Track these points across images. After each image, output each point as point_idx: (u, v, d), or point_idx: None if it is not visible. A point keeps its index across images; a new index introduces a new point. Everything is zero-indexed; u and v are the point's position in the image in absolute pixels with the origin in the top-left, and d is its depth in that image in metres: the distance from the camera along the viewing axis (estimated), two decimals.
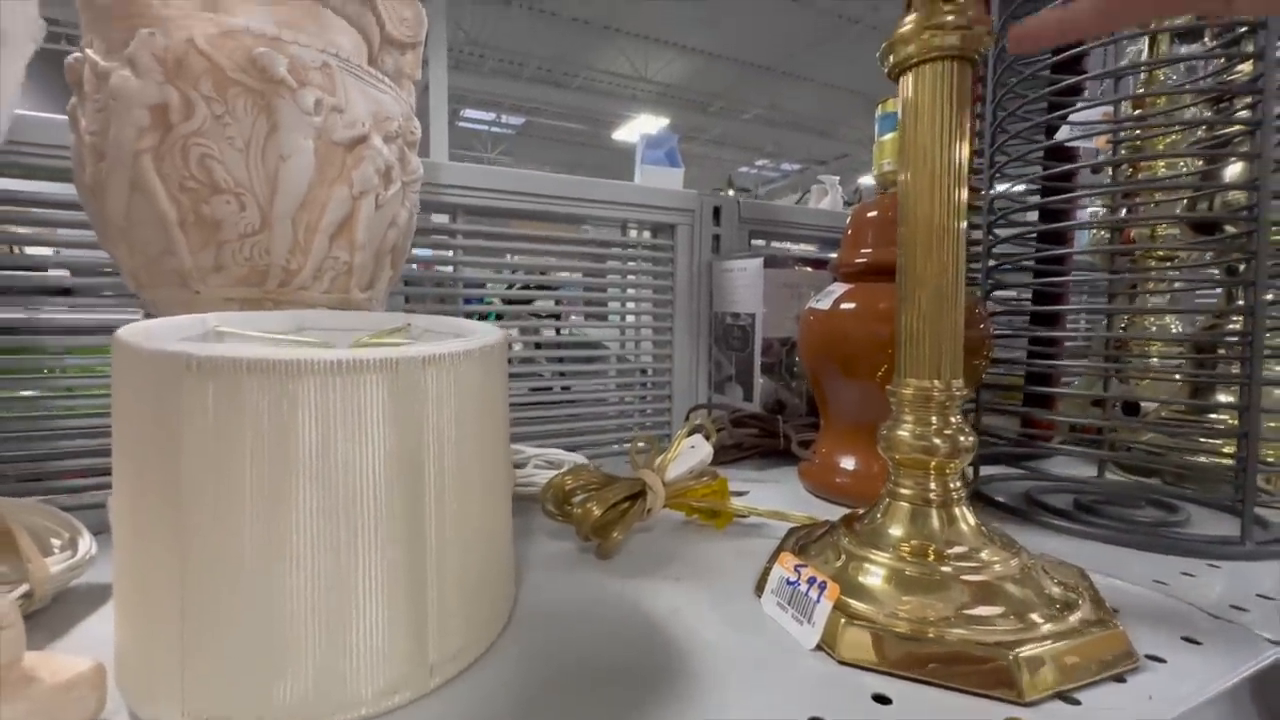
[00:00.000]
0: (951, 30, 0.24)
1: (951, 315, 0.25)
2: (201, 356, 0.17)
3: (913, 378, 0.26)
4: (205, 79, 0.27)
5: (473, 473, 0.22)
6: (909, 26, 0.25)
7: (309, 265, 0.31)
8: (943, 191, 0.25)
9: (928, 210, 0.25)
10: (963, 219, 0.25)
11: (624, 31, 5.00)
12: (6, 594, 0.24)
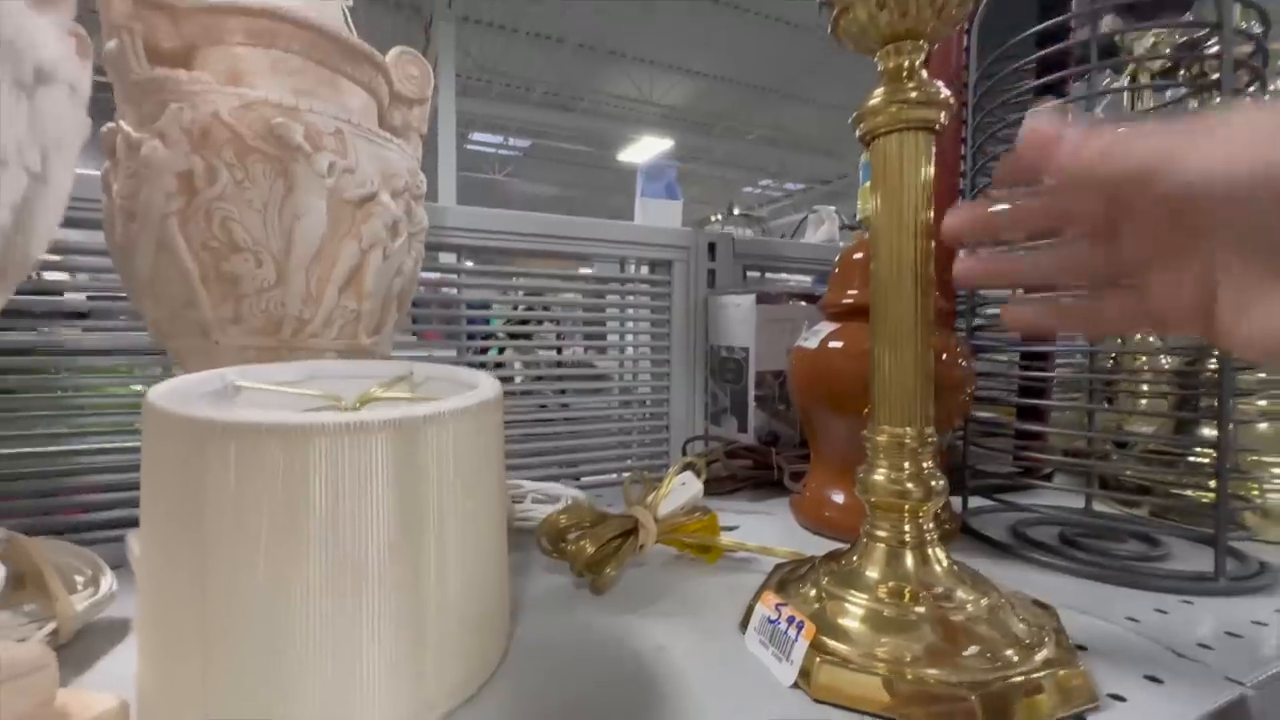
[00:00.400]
0: (915, 105, 0.26)
1: (921, 367, 0.27)
2: (224, 422, 0.19)
3: (887, 425, 0.28)
4: (228, 148, 0.30)
5: (471, 521, 0.24)
6: (878, 100, 0.27)
7: (320, 315, 0.33)
8: (909, 251, 0.27)
9: (895, 269, 0.27)
10: (930, 278, 0.27)
11: (628, 56, 5.11)
12: (36, 631, 0.25)
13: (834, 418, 0.44)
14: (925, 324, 0.27)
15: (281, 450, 0.19)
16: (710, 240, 0.62)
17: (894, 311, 0.27)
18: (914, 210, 0.27)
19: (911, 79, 0.27)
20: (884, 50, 0.27)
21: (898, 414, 0.27)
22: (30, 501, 0.42)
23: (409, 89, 0.42)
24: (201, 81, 0.30)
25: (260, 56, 0.33)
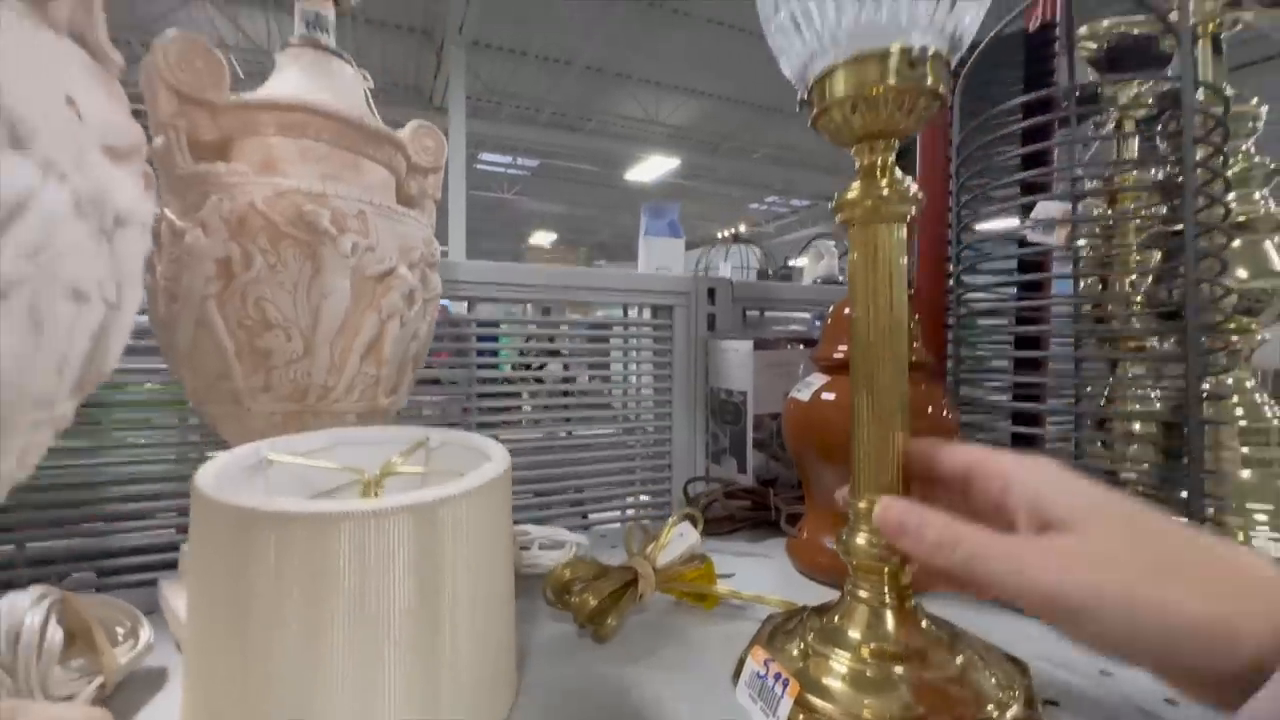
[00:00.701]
0: (888, 201, 0.29)
1: (897, 442, 0.29)
2: (264, 512, 0.21)
3: (868, 492, 0.30)
4: (262, 234, 0.33)
5: (482, 586, 0.26)
6: (855, 194, 0.30)
7: (343, 381, 0.36)
8: (885, 333, 0.29)
9: (874, 351, 0.29)
10: (904, 358, 0.29)
11: (635, 78, 5.19)
12: (85, 686, 0.28)
13: (826, 467, 0.46)
14: (903, 402, 0.29)
15: (313, 536, 0.22)
16: (710, 285, 0.64)
17: (874, 389, 0.29)
18: (889, 293, 0.29)
19: (885, 176, 0.29)
20: (859, 146, 0.30)
21: (878, 483, 0.29)
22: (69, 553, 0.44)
23: (424, 160, 0.45)
24: (239, 173, 0.33)
25: (291, 145, 0.36)
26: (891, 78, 0.27)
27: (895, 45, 0.26)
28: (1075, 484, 0.22)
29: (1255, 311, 0.49)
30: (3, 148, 0.16)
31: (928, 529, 0.24)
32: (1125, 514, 0.21)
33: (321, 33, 0.40)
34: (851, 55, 0.27)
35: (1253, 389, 0.51)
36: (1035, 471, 0.23)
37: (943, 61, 0.27)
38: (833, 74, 0.28)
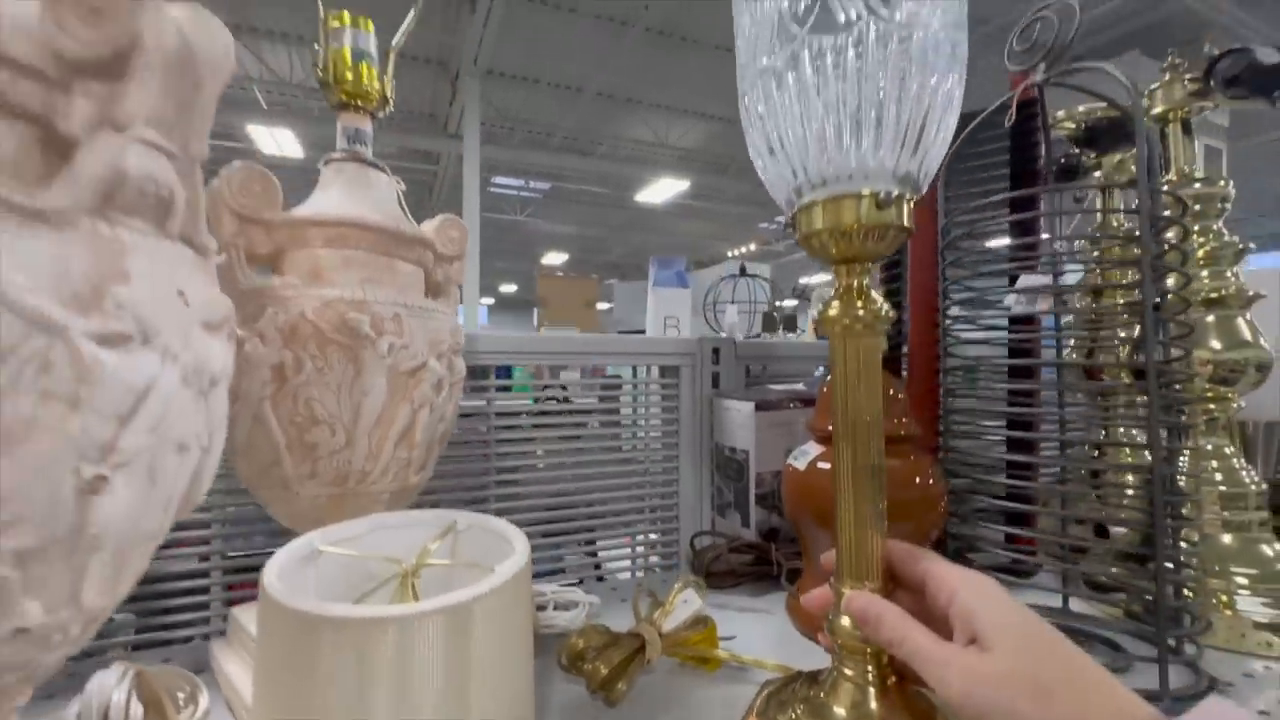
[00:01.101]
0: (863, 319, 0.32)
1: (874, 543, 0.32)
2: (325, 618, 0.25)
3: (850, 579, 0.33)
4: (311, 341, 0.37)
5: (507, 664, 0.30)
6: (835, 311, 0.33)
7: (379, 466, 0.40)
8: (864, 435, 0.32)
9: (852, 452, 0.33)
10: (881, 467, 0.32)
11: (646, 103, 5.30)
12: None
13: (822, 532, 0.49)
14: (880, 501, 0.32)
15: (364, 635, 0.25)
16: (714, 345, 0.68)
17: (855, 492, 0.32)
18: (868, 396, 0.33)
19: (861, 297, 0.33)
20: (838, 268, 0.33)
21: (860, 572, 0.32)
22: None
23: (449, 249, 0.49)
24: (291, 286, 0.38)
25: (335, 255, 0.40)
26: (862, 217, 0.30)
27: (865, 190, 0.30)
28: (1001, 606, 0.26)
29: (1230, 381, 0.52)
30: (137, 347, 0.20)
31: (883, 623, 0.29)
32: (1032, 637, 0.25)
33: (361, 145, 0.44)
34: (828, 196, 0.31)
35: (1231, 454, 0.53)
36: (974, 590, 0.27)
37: (906, 200, 0.31)
38: (813, 208, 0.32)
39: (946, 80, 0.28)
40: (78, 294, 0.19)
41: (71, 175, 0.19)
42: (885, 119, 0.27)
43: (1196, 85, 0.52)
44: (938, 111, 0.28)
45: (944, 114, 0.28)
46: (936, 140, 0.29)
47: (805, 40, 0.28)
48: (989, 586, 0.27)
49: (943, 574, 0.29)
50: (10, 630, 0.19)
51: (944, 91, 0.28)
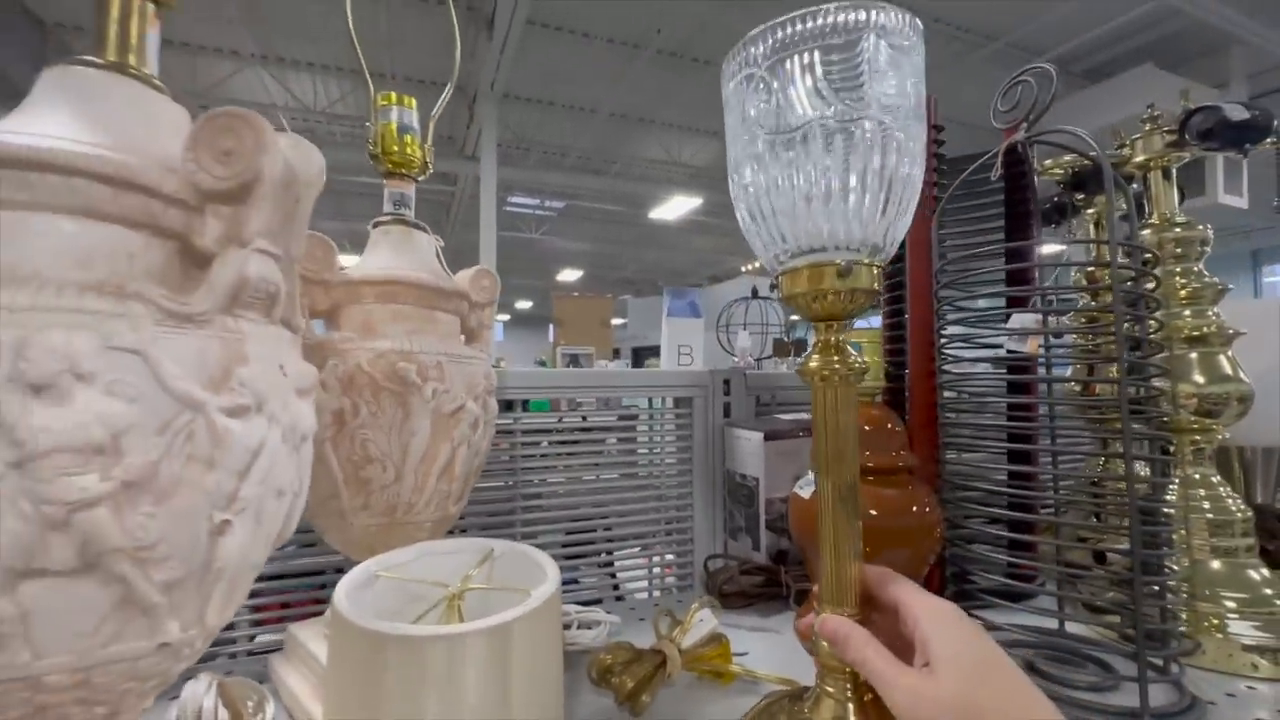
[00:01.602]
0: (839, 371, 0.36)
1: (852, 572, 0.36)
2: (389, 635, 0.30)
3: (830, 605, 0.36)
4: (366, 389, 0.42)
5: (542, 676, 0.34)
6: (815, 363, 0.37)
7: (423, 498, 0.44)
8: (842, 475, 0.36)
9: (832, 492, 0.36)
10: (856, 503, 0.36)
11: (658, 122, 5.39)
12: None
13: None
14: (856, 534, 0.36)
15: (422, 650, 0.30)
16: (725, 377, 0.72)
17: (835, 530, 0.36)
18: (845, 440, 0.36)
19: (838, 353, 0.36)
20: (817, 325, 0.37)
21: (839, 598, 0.36)
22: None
23: (481, 297, 0.54)
24: (348, 339, 0.43)
25: (384, 309, 0.45)
26: (835, 282, 0.34)
27: (838, 259, 0.34)
28: (953, 634, 0.29)
29: (1215, 414, 0.55)
30: (253, 415, 0.25)
31: (849, 644, 0.32)
32: (976, 664, 0.28)
33: (405, 209, 0.50)
34: (805, 264, 0.35)
35: (1218, 484, 0.56)
36: (931, 617, 0.30)
37: (873, 266, 0.34)
38: (793, 273, 0.35)
39: (903, 164, 0.32)
40: (212, 377, 0.24)
41: (210, 284, 0.24)
42: (847, 198, 0.32)
43: (1173, 137, 0.56)
44: (898, 189, 0.32)
45: (904, 191, 0.33)
46: (899, 214, 0.33)
47: (769, 137, 0.33)
48: (946, 615, 0.31)
49: (909, 601, 0.32)
50: (156, 645, 0.23)
51: (900, 174, 0.32)
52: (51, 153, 0.22)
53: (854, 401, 0.37)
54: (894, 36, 0.31)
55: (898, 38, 0.31)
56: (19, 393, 0.19)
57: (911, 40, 0.32)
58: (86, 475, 0.20)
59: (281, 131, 0.26)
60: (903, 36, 0.32)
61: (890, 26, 0.31)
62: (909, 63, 0.32)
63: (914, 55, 0.33)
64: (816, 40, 0.31)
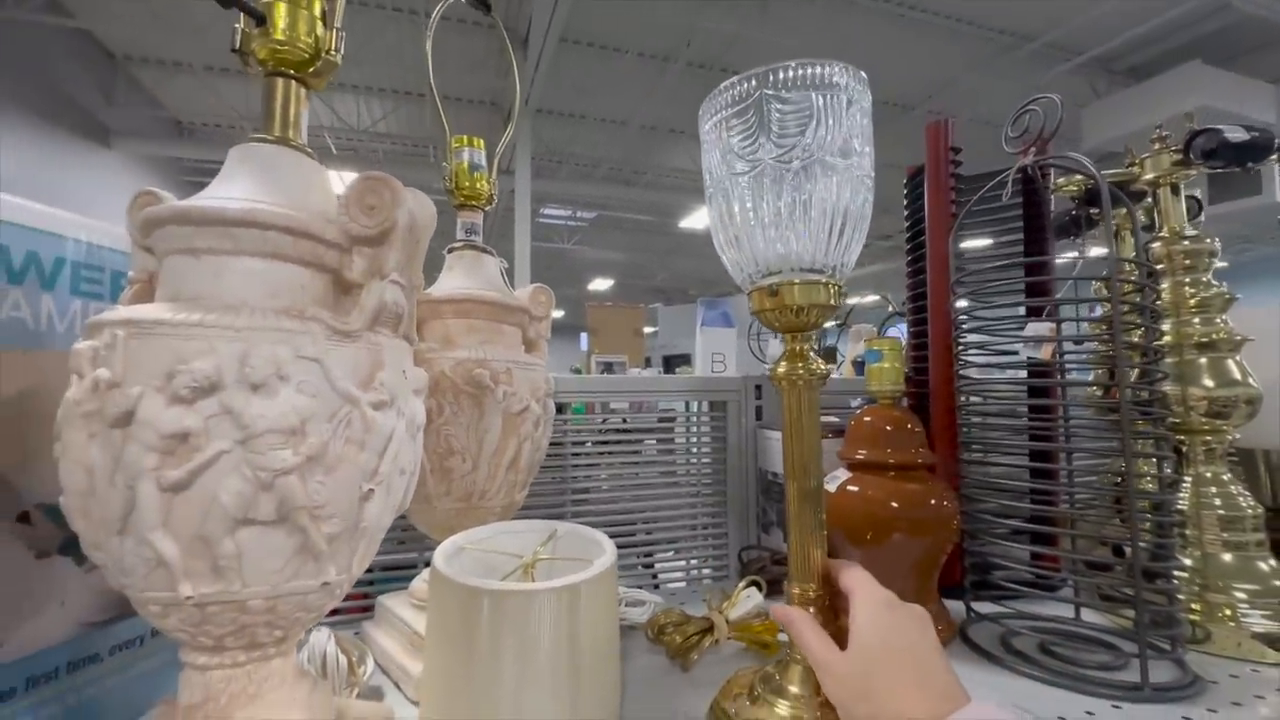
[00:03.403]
0: (804, 375, 0.41)
1: (815, 548, 0.41)
2: (484, 589, 0.36)
3: (799, 582, 0.41)
4: (448, 392, 0.49)
5: (603, 630, 0.40)
6: (783, 369, 0.42)
7: (495, 486, 0.51)
8: (809, 468, 0.41)
9: (800, 482, 0.41)
10: (819, 488, 0.41)
11: (689, 133, 5.47)
12: (350, 693, 0.43)
13: (849, 546, 0.58)
14: (820, 518, 0.41)
15: (510, 603, 0.36)
16: (757, 383, 0.78)
17: (802, 511, 0.41)
18: (810, 434, 0.41)
19: (802, 360, 0.41)
20: (785, 335, 0.42)
21: (804, 575, 0.41)
22: None
23: (539, 311, 0.61)
24: (433, 349, 0.50)
25: (461, 324, 0.53)
26: (798, 298, 0.39)
27: (797, 278, 0.39)
28: (874, 621, 0.35)
29: (1224, 415, 0.58)
30: (388, 408, 0.32)
31: (790, 626, 0.38)
32: (882, 647, 0.33)
33: (475, 235, 0.57)
34: (777, 281, 0.40)
35: (1229, 481, 0.59)
36: (863, 605, 0.36)
37: (832, 284, 0.40)
38: (765, 291, 0.41)
39: (856, 200, 0.38)
40: (362, 379, 0.31)
41: (361, 307, 0.31)
42: (806, 227, 0.38)
43: (1179, 156, 0.60)
44: (853, 222, 0.38)
45: (856, 224, 0.39)
46: (852, 241, 0.39)
47: (738, 175, 0.39)
48: (875, 605, 0.36)
49: (853, 589, 0.37)
50: (320, 584, 0.31)
51: (854, 209, 0.38)
52: (253, 213, 0.29)
53: (817, 403, 0.42)
54: (837, 90, 0.38)
55: (843, 92, 0.38)
56: (244, 390, 0.27)
57: (857, 92, 0.38)
58: (285, 450, 0.28)
59: (408, 189, 0.33)
60: (848, 91, 0.38)
61: (837, 81, 0.38)
62: (857, 109, 0.39)
63: (861, 103, 0.39)
64: (772, 90, 0.38)
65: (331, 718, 0.34)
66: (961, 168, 0.71)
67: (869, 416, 0.61)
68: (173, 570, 0.27)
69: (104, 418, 0.26)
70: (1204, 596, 0.57)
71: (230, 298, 0.29)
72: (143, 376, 0.26)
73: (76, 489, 0.27)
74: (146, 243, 0.32)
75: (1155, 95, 3.90)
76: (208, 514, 0.27)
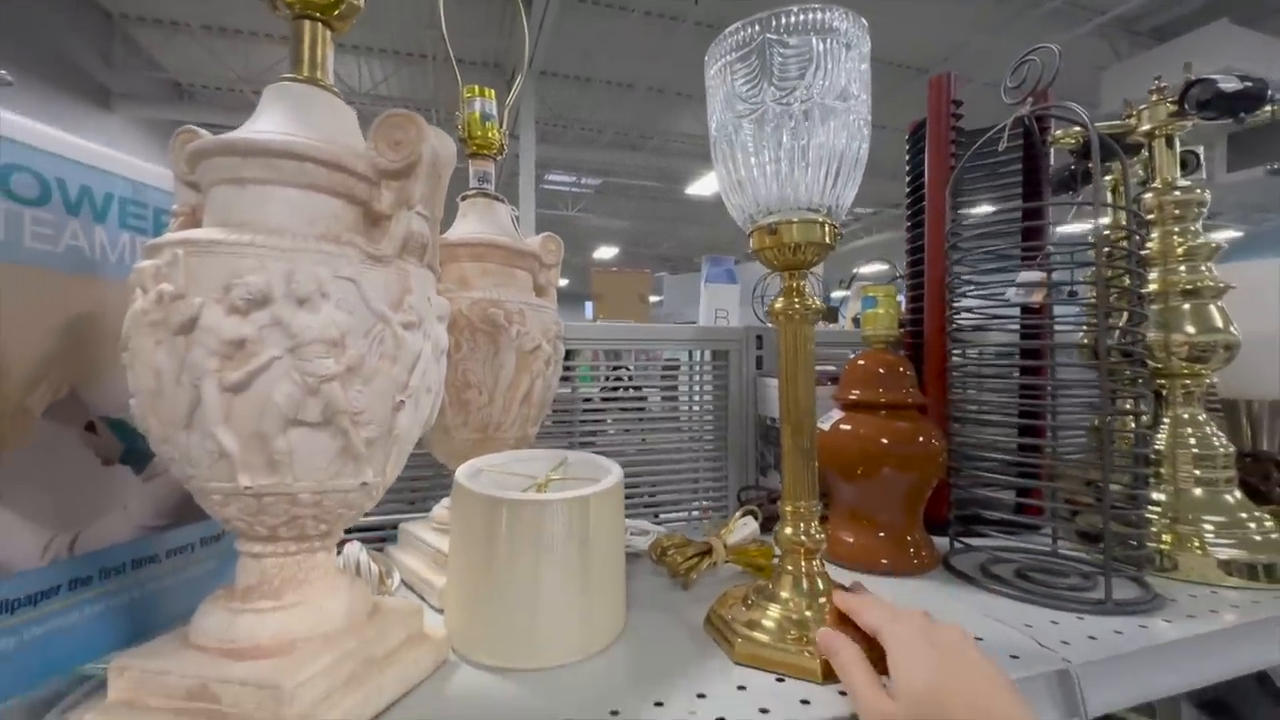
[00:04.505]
0: (800, 310, 0.44)
1: (809, 469, 0.44)
2: (503, 499, 0.40)
3: (792, 499, 0.45)
4: (465, 329, 0.52)
5: (609, 542, 0.44)
6: (780, 304, 0.45)
7: (509, 420, 0.55)
8: (803, 394, 0.44)
9: (794, 407, 0.44)
10: (812, 411, 0.44)
11: (696, 96, 5.37)
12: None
13: (842, 481, 0.61)
14: (813, 440, 0.44)
15: (526, 512, 0.40)
16: (758, 333, 0.80)
17: (795, 432, 0.44)
18: (803, 363, 0.44)
19: (798, 295, 0.44)
20: (782, 273, 0.45)
21: (799, 492, 0.44)
22: None
23: (549, 259, 0.64)
24: (450, 290, 0.53)
25: (476, 267, 0.55)
26: (796, 236, 0.42)
27: (798, 216, 0.42)
28: (914, 663, 0.33)
29: (1203, 360, 0.61)
30: (416, 329, 0.35)
31: (835, 658, 0.37)
32: (927, 694, 0.31)
33: (487, 184, 0.60)
34: (776, 221, 0.42)
35: (1204, 421, 0.62)
36: (899, 648, 0.34)
37: (828, 224, 0.42)
38: (764, 230, 0.43)
39: (853, 144, 0.40)
40: (394, 300, 0.34)
41: (390, 235, 0.34)
42: (809, 168, 0.40)
43: (1174, 107, 0.61)
44: (849, 164, 0.40)
45: (852, 167, 0.41)
46: (848, 183, 0.41)
47: (741, 118, 0.41)
48: (911, 645, 0.34)
49: (876, 628, 0.37)
50: (359, 484, 0.34)
51: (850, 152, 0.40)
52: (292, 145, 0.32)
53: (811, 336, 0.45)
54: (837, 35, 0.40)
55: (842, 36, 0.40)
56: (292, 304, 0.30)
57: (856, 37, 0.40)
58: (328, 360, 0.31)
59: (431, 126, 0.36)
60: (847, 36, 0.40)
61: (837, 26, 0.39)
62: (856, 54, 0.41)
63: (860, 48, 0.41)
64: (775, 35, 0.40)
65: (369, 607, 0.38)
66: (968, 126, 0.73)
67: (863, 360, 0.64)
68: (233, 462, 0.30)
69: (169, 326, 0.29)
70: (1174, 528, 0.60)
71: (273, 223, 0.32)
72: (203, 289, 0.29)
73: (146, 389, 0.30)
74: (192, 177, 0.35)
75: (1179, 56, 3.79)
76: (263, 413, 0.30)
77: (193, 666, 0.31)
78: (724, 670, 0.40)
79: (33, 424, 0.34)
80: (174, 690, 0.31)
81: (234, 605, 0.33)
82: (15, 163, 0.34)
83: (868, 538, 0.61)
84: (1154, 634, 0.45)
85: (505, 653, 0.40)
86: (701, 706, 0.36)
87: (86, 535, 0.37)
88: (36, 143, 0.35)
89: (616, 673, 0.40)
